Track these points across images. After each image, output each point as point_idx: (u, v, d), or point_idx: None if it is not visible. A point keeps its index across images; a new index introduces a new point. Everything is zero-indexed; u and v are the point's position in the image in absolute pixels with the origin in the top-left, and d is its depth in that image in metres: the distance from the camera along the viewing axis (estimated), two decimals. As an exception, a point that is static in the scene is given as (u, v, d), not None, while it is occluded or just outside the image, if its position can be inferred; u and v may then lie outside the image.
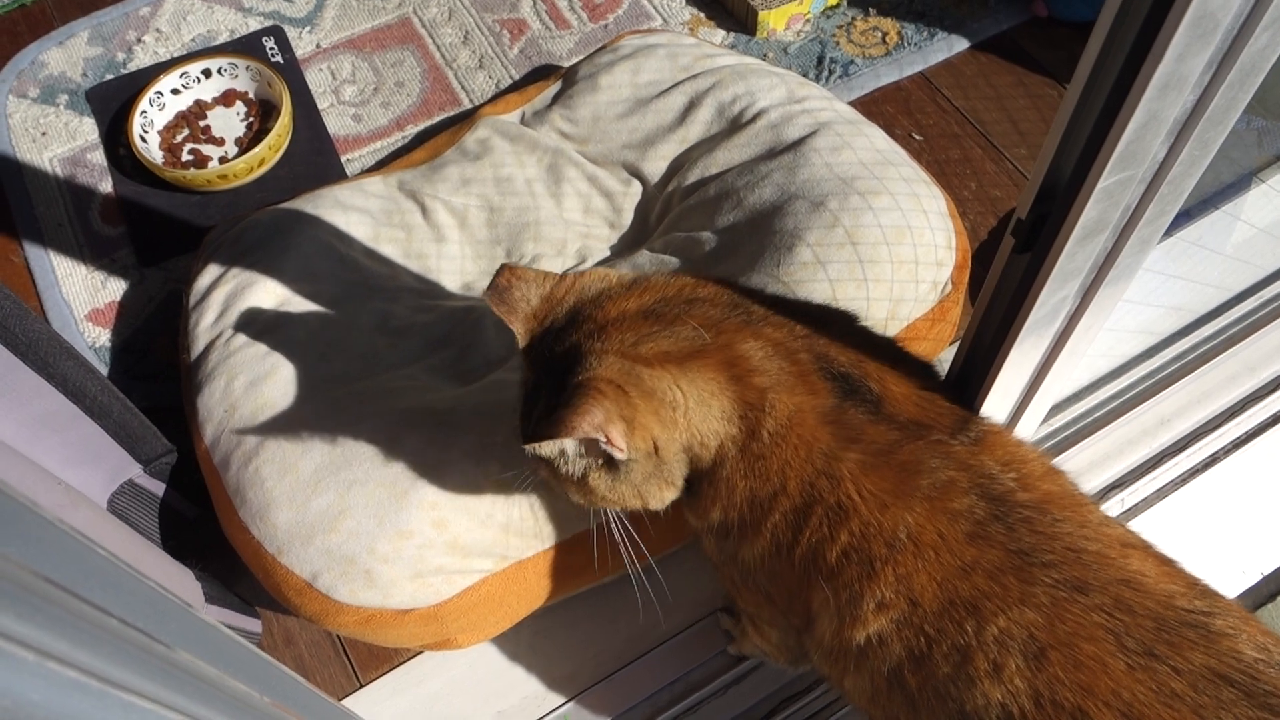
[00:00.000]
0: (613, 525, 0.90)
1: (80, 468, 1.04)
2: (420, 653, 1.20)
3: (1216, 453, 1.34)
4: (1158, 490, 1.31)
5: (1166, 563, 0.73)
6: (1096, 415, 1.27)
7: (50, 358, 0.95)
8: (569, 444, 0.79)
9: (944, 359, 1.36)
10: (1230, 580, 1.24)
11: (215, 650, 0.53)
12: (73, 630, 0.42)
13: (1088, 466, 1.29)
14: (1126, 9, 0.51)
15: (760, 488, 0.79)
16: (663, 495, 0.84)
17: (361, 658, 1.19)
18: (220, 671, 0.53)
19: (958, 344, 1.31)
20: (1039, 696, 0.66)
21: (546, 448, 0.79)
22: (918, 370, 0.84)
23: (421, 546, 1.00)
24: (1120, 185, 0.60)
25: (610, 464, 0.80)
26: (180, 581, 1.03)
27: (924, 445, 0.75)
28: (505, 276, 0.87)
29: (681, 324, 0.81)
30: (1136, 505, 1.30)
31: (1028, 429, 0.99)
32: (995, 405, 0.87)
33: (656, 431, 0.78)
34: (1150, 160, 0.59)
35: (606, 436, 0.75)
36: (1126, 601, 0.67)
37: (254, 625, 1.17)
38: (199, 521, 1.22)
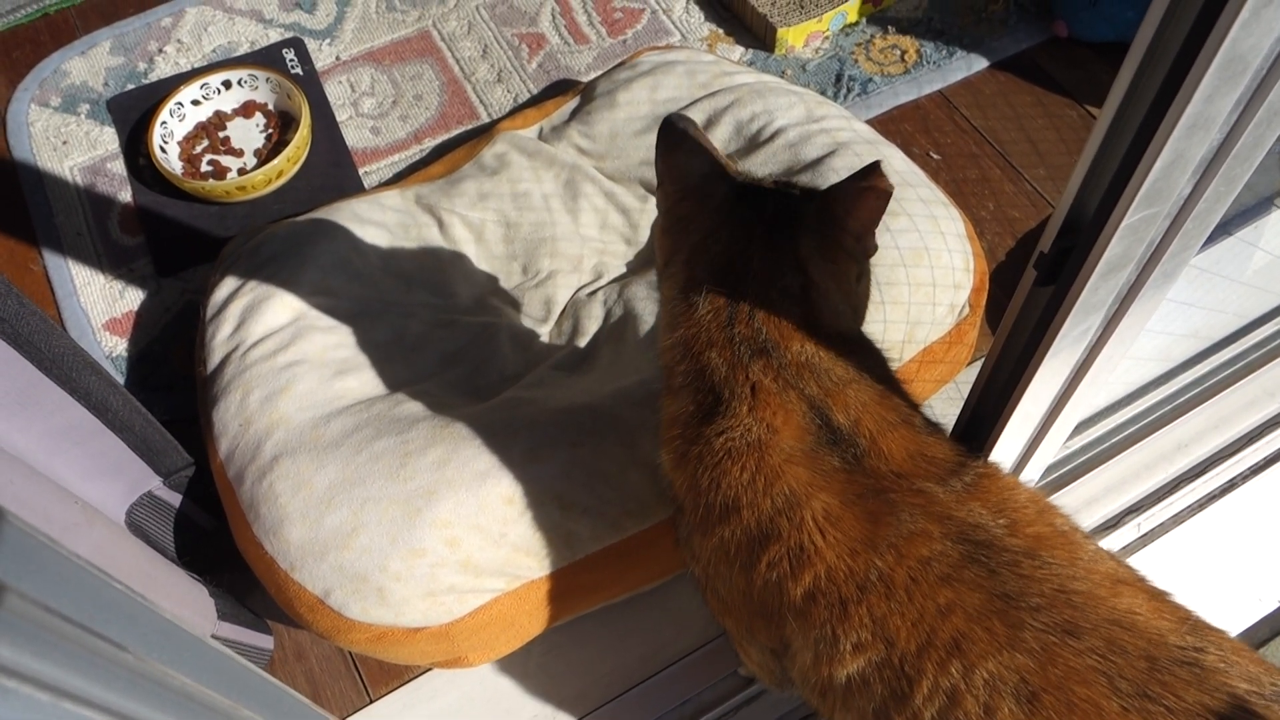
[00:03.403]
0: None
1: (101, 479, 1.04)
2: (431, 669, 1.20)
3: (1234, 478, 1.33)
4: (1174, 516, 1.30)
5: (1157, 597, 0.72)
6: (1114, 440, 1.27)
7: (74, 372, 0.95)
8: None
9: (960, 381, 1.35)
10: (1247, 608, 1.23)
11: (229, 680, 0.53)
12: (88, 666, 0.42)
13: (1104, 491, 1.28)
14: (1155, 49, 0.50)
15: (704, 490, 0.78)
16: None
17: (372, 673, 1.19)
18: (233, 701, 0.53)
19: (977, 367, 1.31)
20: None
21: None
22: (925, 426, 0.82)
23: (434, 565, 1.00)
24: (1145, 222, 0.59)
25: None
26: (194, 598, 1.04)
27: (899, 495, 0.74)
28: None
29: None
30: (1153, 530, 1.29)
31: (1046, 456, 0.99)
32: (1014, 434, 0.87)
33: None
34: (1176, 197, 0.59)
35: None
36: (1118, 642, 0.66)
37: (266, 641, 1.18)
38: (215, 533, 1.22)
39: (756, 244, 0.83)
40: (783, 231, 0.84)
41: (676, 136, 0.88)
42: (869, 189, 0.82)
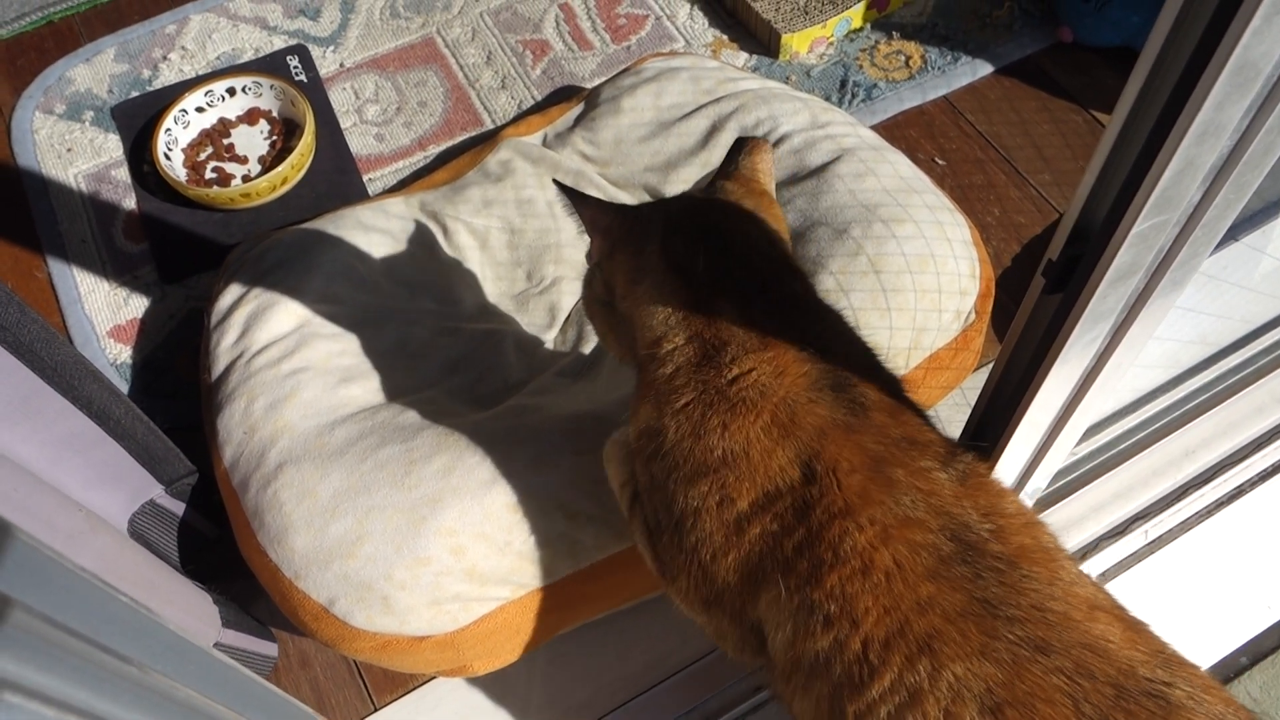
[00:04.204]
0: None
1: (103, 488, 1.04)
2: (435, 677, 1.19)
3: (1242, 485, 1.32)
4: (1183, 522, 1.29)
5: (1133, 628, 0.71)
6: (1121, 446, 1.26)
7: (76, 381, 0.95)
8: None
9: (967, 388, 1.35)
10: (1256, 615, 1.22)
11: (235, 692, 0.53)
12: (94, 680, 0.41)
13: (1111, 498, 1.28)
14: (1165, 57, 0.50)
15: (707, 433, 0.77)
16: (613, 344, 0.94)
17: (377, 681, 1.19)
18: (239, 714, 0.52)
19: (983, 374, 1.30)
20: None
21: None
22: (911, 406, 0.82)
23: (439, 574, 1.00)
24: (1155, 229, 0.59)
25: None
26: (198, 606, 1.03)
27: (909, 472, 0.73)
28: None
29: None
30: (1161, 537, 1.28)
31: (1054, 463, 0.98)
32: (1022, 440, 0.86)
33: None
34: (1185, 205, 0.59)
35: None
36: (1088, 666, 0.65)
37: (270, 649, 1.17)
38: (218, 542, 1.22)
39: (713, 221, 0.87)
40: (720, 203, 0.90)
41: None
42: (754, 146, 0.95)
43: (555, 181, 0.96)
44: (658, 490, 0.83)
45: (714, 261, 0.83)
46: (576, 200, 0.92)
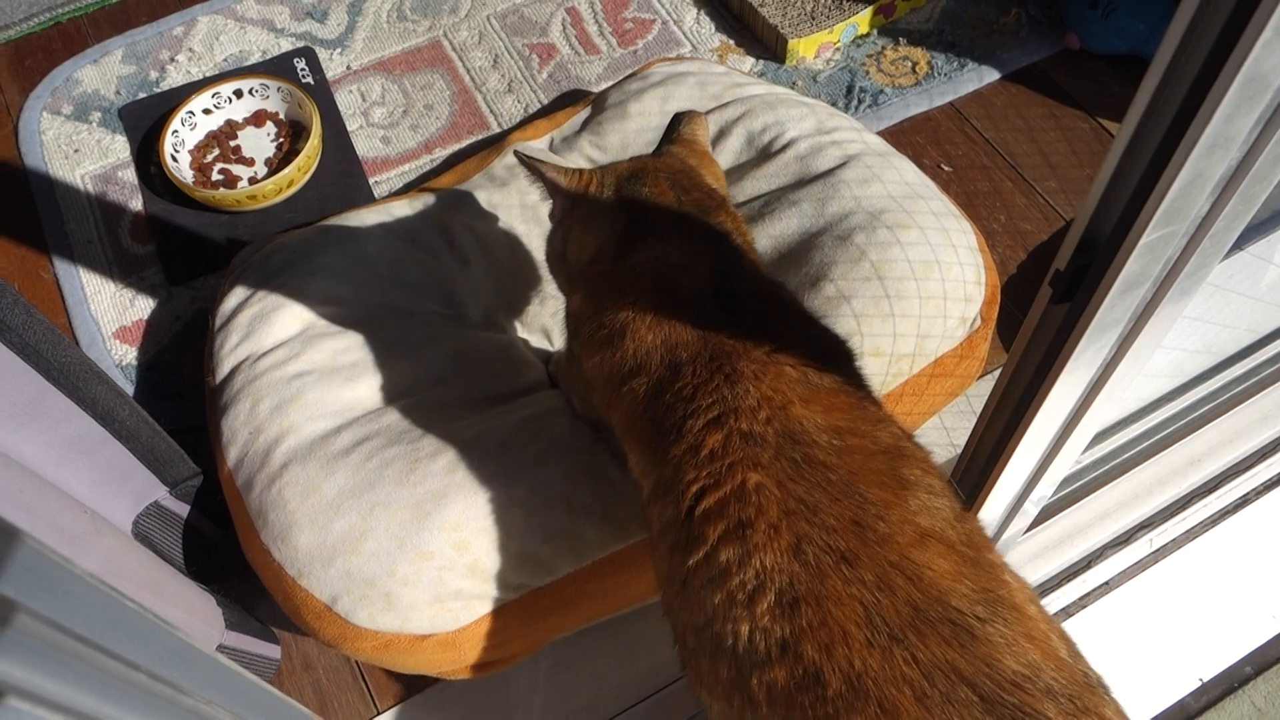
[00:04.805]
0: None
1: (107, 489, 1.04)
2: (438, 681, 1.19)
3: (1248, 494, 1.32)
4: (1187, 531, 1.29)
5: (974, 567, 0.73)
6: (1126, 455, 1.26)
7: (81, 382, 0.95)
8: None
9: (972, 395, 1.35)
10: (1261, 625, 1.22)
11: (241, 698, 0.53)
12: (100, 686, 0.41)
13: (1116, 506, 1.27)
14: (1175, 68, 0.50)
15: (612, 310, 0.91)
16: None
17: (380, 685, 1.19)
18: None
19: (988, 381, 1.30)
20: (784, 643, 0.69)
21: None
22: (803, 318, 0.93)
23: (442, 568, 1.00)
24: (1163, 240, 0.59)
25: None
26: (202, 608, 1.03)
27: (757, 367, 0.82)
28: None
29: None
30: (1166, 546, 1.28)
31: (1060, 471, 0.98)
32: (1028, 449, 0.86)
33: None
34: (1194, 216, 0.59)
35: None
36: (891, 584, 0.70)
37: (273, 651, 1.17)
38: (222, 543, 1.22)
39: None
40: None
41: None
42: (691, 117, 1.10)
43: (515, 151, 1.11)
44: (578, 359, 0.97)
45: (651, 203, 0.98)
46: (537, 167, 1.03)
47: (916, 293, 1.18)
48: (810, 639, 0.69)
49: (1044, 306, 0.69)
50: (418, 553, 0.99)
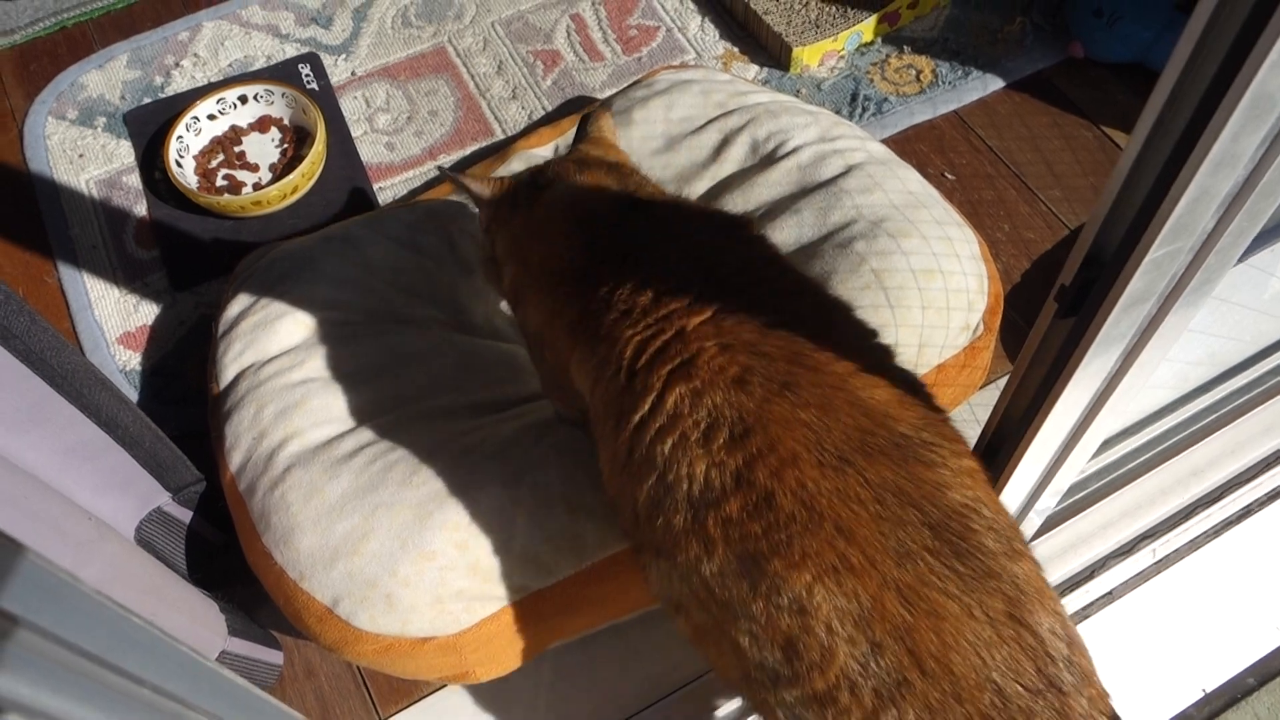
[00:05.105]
0: None
1: (110, 495, 1.04)
2: (440, 688, 1.19)
3: (1250, 505, 1.32)
4: (1190, 542, 1.29)
5: (917, 406, 0.77)
6: (1129, 466, 1.26)
7: (85, 388, 0.95)
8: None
9: (975, 404, 1.35)
10: (1264, 636, 1.22)
11: (247, 712, 0.53)
12: (100, 700, 0.41)
13: (1119, 516, 1.27)
14: (1182, 87, 0.50)
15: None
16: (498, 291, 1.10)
17: (382, 691, 1.19)
18: (249, 733, 0.53)
19: (993, 393, 1.30)
20: (738, 473, 0.73)
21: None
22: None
23: (443, 569, 1.00)
24: (1169, 257, 0.59)
25: None
26: (205, 614, 1.04)
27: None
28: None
29: None
30: (1168, 556, 1.28)
31: (1064, 481, 0.98)
32: (1033, 460, 0.86)
33: None
34: (1200, 232, 0.59)
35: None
36: (835, 409, 0.74)
37: (276, 658, 1.17)
38: (224, 549, 1.22)
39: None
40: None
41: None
42: (597, 113, 1.16)
43: (438, 167, 1.18)
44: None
45: (556, 173, 1.03)
46: (460, 180, 1.08)
47: (918, 301, 1.18)
48: (761, 464, 0.72)
49: (1049, 320, 0.70)
50: (419, 553, 1.00)
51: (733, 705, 1.17)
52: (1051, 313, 0.68)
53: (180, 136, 1.58)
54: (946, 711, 0.67)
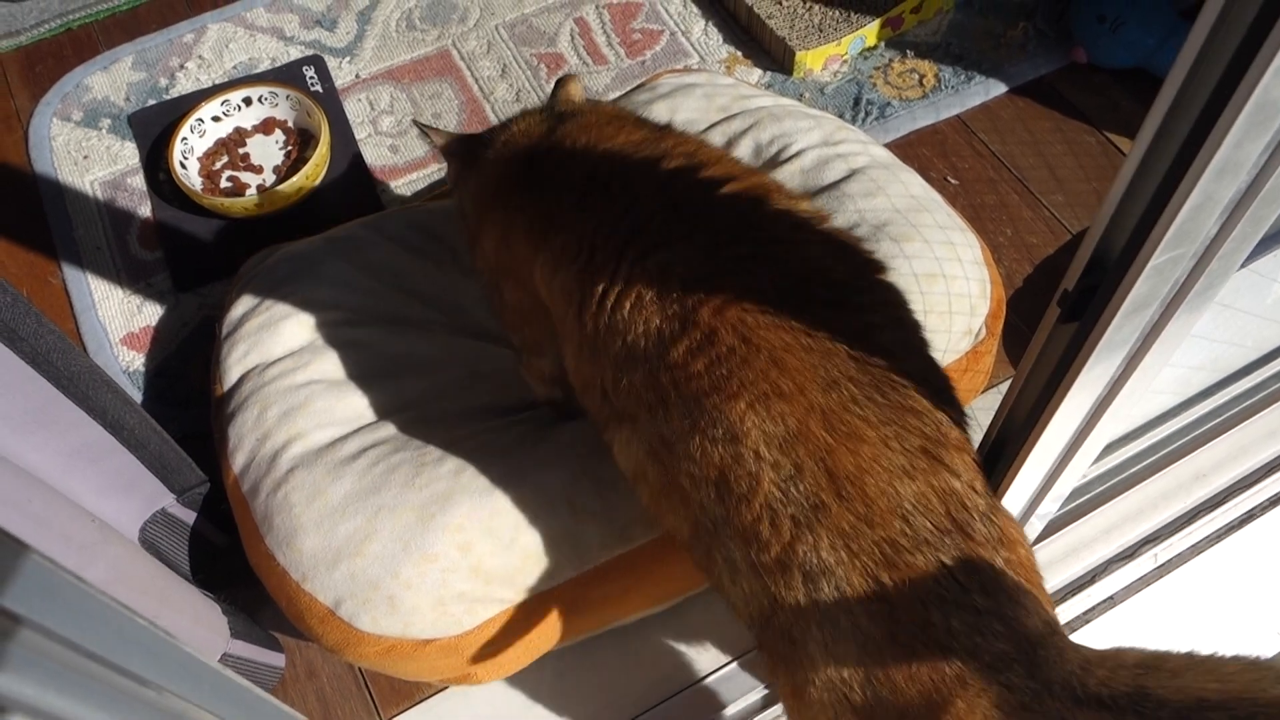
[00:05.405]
0: None
1: (115, 496, 1.04)
2: (442, 690, 1.19)
3: (1253, 509, 1.32)
4: (1192, 546, 1.29)
5: (855, 260, 0.85)
6: (1132, 470, 1.26)
7: (91, 390, 0.95)
8: None
9: (978, 408, 1.35)
10: (1265, 641, 1.22)
11: (246, 710, 0.53)
12: (103, 700, 0.42)
13: (1121, 520, 1.27)
14: (1185, 94, 0.50)
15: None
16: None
17: (383, 693, 1.19)
18: (252, 734, 0.53)
19: (995, 396, 1.30)
20: (684, 318, 0.79)
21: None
22: None
23: (445, 570, 1.01)
24: (1171, 263, 0.59)
25: None
26: (208, 616, 1.04)
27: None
28: None
29: None
30: (1170, 561, 1.28)
31: (1065, 486, 0.98)
32: (1035, 464, 0.86)
33: None
34: (1202, 238, 0.59)
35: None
36: (778, 259, 0.82)
37: (278, 660, 1.18)
38: (227, 550, 1.22)
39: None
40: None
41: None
42: (566, 79, 1.19)
43: (415, 121, 1.26)
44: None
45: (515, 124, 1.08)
46: (431, 134, 1.15)
47: (920, 305, 1.18)
48: (706, 306, 0.78)
49: (1052, 325, 0.70)
50: (422, 554, 1.00)
51: (737, 708, 1.17)
52: (1054, 318, 0.68)
53: (185, 138, 1.58)
54: (859, 537, 0.71)
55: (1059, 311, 0.67)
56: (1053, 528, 1.22)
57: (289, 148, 1.63)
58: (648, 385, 0.81)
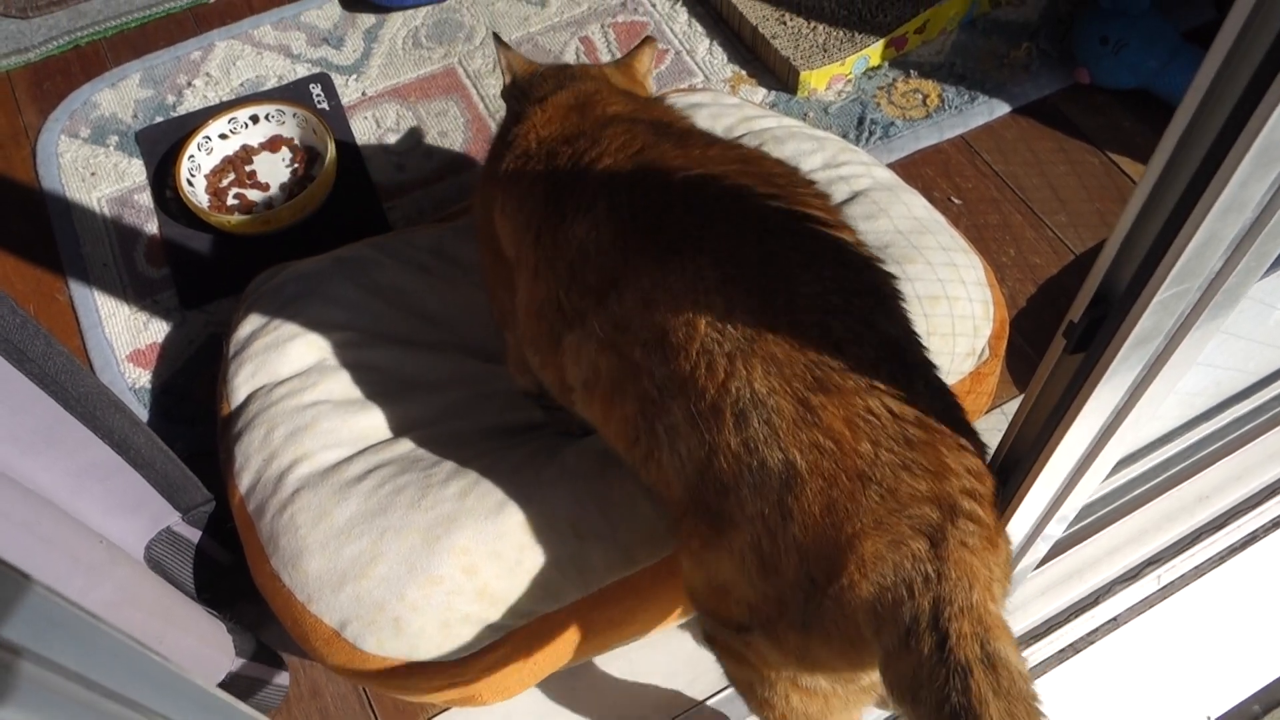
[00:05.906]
0: None
1: (122, 515, 1.05)
2: (445, 710, 1.19)
3: (1256, 531, 1.32)
4: (1195, 568, 1.29)
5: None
6: (1135, 492, 1.26)
7: (99, 410, 0.96)
8: None
9: (982, 428, 1.35)
10: (1269, 664, 1.22)
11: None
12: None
13: (1124, 542, 1.28)
14: (1192, 134, 0.51)
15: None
16: None
17: (387, 713, 1.19)
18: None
19: (1000, 418, 1.30)
20: (631, 185, 0.89)
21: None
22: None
23: (451, 593, 1.01)
24: (1176, 297, 0.60)
25: None
26: (213, 635, 1.04)
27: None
28: None
29: None
30: (1174, 582, 1.28)
31: (1069, 510, 0.98)
32: (1040, 490, 0.87)
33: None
34: (1207, 274, 0.59)
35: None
36: (712, 142, 0.95)
37: (282, 678, 1.18)
38: (232, 569, 1.22)
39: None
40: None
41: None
42: (645, 41, 1.29)
43: (494, 35, 1.37)
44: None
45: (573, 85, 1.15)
46: (502, 47, 1.29)
47: (923, 327, 1.18)
48: (650, 167, 0.88)
49: (1058, 355, 0.70)
50: (427, 577, 1.00)
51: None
52: (1060, 348, 0.69)
53: (192, 155, 1.59)
54: (790, 364, 0.75)
55: (1064, 342, 0.68)
56: (1057, 549, 1.22)
57: (296, 165, 1.64)
58: (597, 274, 0.87)
